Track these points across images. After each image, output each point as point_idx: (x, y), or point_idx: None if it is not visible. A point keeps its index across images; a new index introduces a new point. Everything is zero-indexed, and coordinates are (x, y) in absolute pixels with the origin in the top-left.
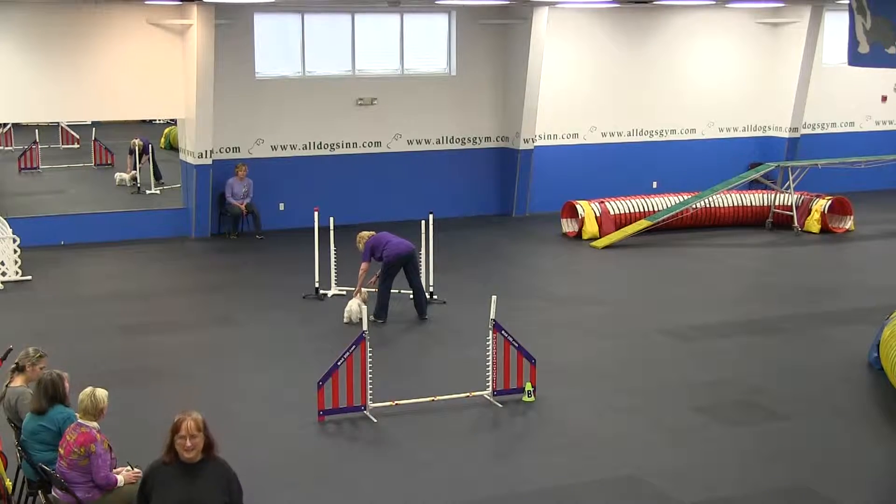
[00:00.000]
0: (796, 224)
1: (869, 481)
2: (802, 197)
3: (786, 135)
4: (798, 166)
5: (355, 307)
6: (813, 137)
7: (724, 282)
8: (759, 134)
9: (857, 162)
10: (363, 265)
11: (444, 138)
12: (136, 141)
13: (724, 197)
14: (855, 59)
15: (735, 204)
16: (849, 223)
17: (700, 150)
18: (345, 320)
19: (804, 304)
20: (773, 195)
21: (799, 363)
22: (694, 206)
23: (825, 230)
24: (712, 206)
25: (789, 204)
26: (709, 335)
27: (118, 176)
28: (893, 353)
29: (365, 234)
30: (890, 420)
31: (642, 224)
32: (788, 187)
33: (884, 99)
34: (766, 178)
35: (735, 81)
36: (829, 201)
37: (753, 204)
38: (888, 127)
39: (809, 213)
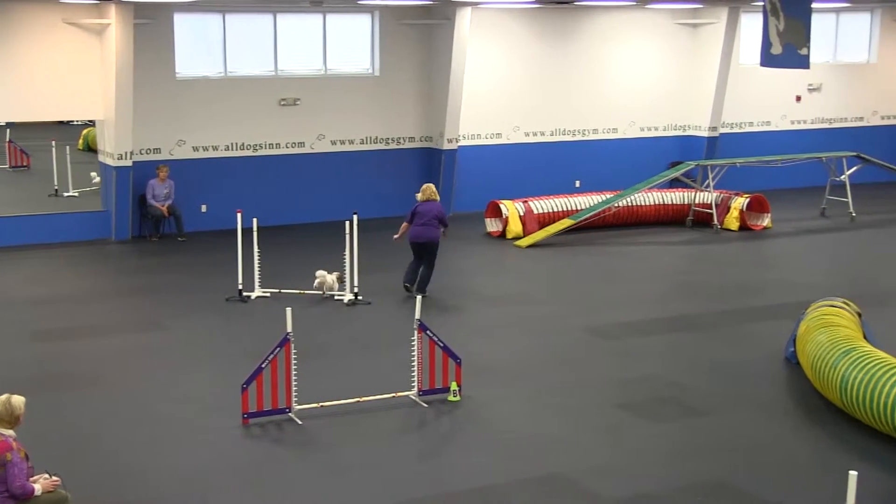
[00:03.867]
0: (716, 222)
1: (788, 474)
2: (722, 195)
3: (705, 134)
4: (717, 165)
5: (329, 281)
6: (731, 136)
7: (646, 279)
8: (680, 133)
9: (774, 161)
10: (404, 224)
11: (368, 138)
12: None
13: (645, 196)
14: (768, 59)
15: (656, 202)
16: (766, 221)
17: (622, 150)
18: (315, 285)
19: (725, 301)
20: (693, 193)
21: (720, 359)
22: (616, 205)
23: (744, 227)
24: (634, 204)
25: (709, 202)
26: (632, 333)
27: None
28: (809, 347)
29: (430, 190)
30: (807, 413)
31: (565, 223)
32: (708, 186)
33: (798, 99)
34: (687, 176)
35: (656, 81)
36: (748, 199)
37: (674, 202)
38: (803, 126)
39: (728, 211)
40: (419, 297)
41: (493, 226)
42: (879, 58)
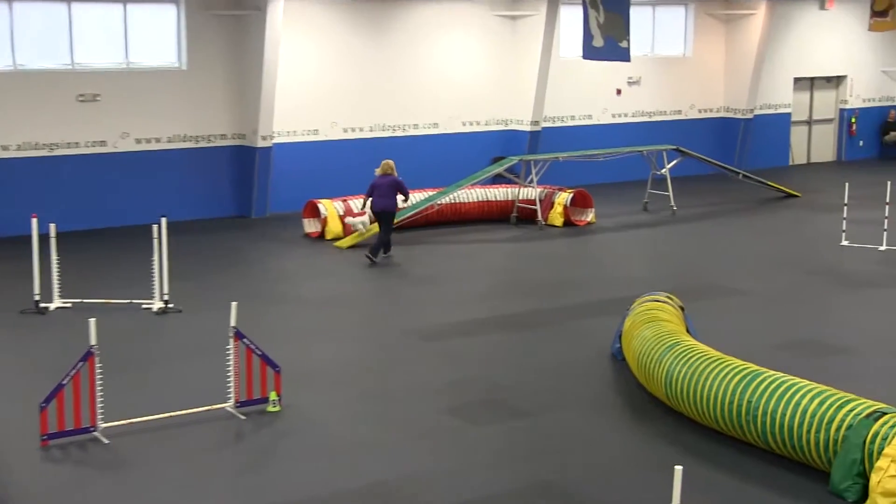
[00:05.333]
0: (540, 218)
1: (615, 472)
2: (545, 190)
3: (527, 128)
4: (540, 160)
5: (361, 222)
6: (554, 130)
7: (471, 278)
8: (502, 128)
9: (596, 155)
10: (364, 196)
11: (176, 136)
12: None
13: (469, 192)
14: (589, 52)
15: (480, 199)
16: (590, 216)
17: (444, 145)
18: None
19: (550, 299)
20: (517, 189)
21: (546, 358)
22: (439, 203)
23: (568, 223)
24: (458, 201)
25: (533, 198)
26: (456, 334)
27: None
28: (635, 343)
29: (389, 167)
30: (631, 409)
31: None
32: (531, 181)
33: (618, 92)
34: (510, 171)
35: (477, 75)
36: (571, 194)
37: (498, 199)
38: (624, 120)
39: (552, 207)
40: (234, 304)
41: (311, 226)
42: (694, 52)
